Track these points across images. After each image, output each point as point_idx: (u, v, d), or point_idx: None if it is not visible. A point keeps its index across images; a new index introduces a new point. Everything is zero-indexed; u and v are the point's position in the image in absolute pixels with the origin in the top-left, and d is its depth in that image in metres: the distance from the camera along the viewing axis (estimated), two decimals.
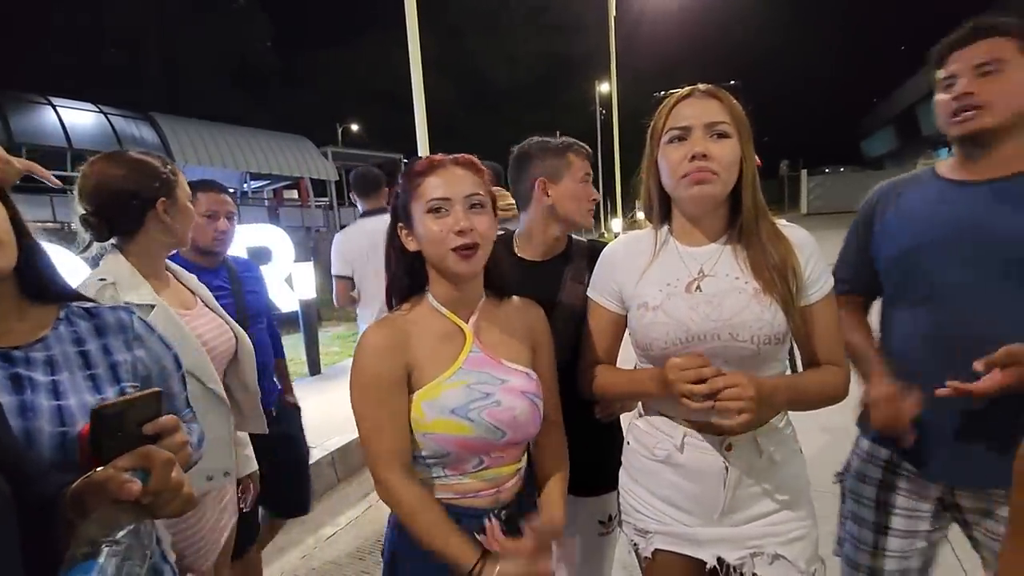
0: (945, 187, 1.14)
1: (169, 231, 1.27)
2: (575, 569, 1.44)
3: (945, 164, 1.19)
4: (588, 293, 1.17)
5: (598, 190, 1.50)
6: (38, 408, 0.72)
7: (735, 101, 1.00)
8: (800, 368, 1.09)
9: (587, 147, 1.41)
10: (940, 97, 1.11)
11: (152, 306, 1.20)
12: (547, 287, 1.32)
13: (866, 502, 1.21)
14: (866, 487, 1.19)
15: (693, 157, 0.96)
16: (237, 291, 1.81)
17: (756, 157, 1.05)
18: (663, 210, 1.09)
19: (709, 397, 0.89)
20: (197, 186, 1.71)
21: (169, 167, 1.28)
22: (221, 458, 1.29)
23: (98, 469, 0.63)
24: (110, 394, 0.80)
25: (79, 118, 15.50)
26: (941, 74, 1.11)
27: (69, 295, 0.87)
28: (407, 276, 1.05)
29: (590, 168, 1.38)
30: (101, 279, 1.17)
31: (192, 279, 1.45)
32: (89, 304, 0.87)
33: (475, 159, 1.03)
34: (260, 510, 1.83)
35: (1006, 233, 1.03)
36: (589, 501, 1.38)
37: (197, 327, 1.30)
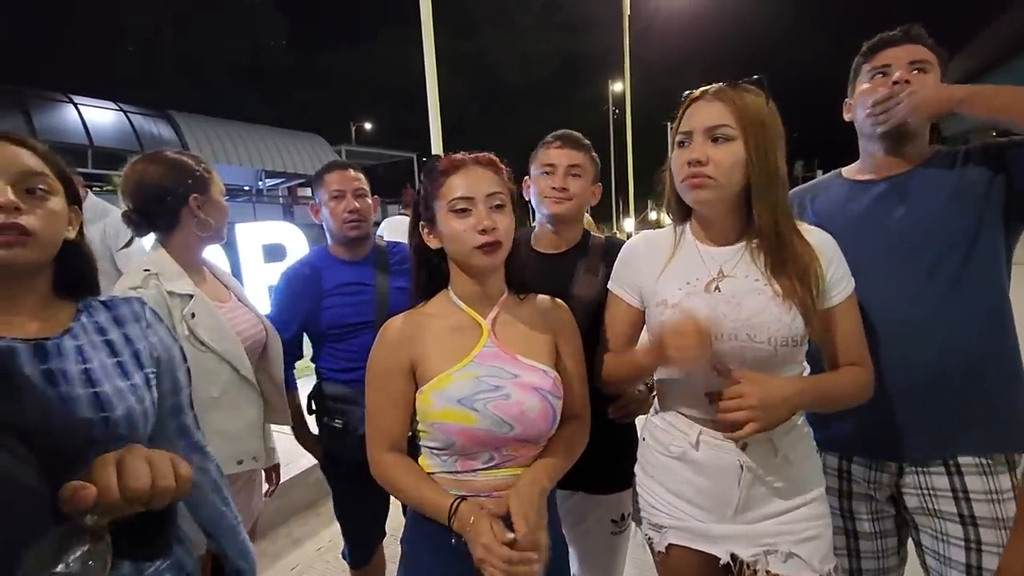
0: (850, 187, 1.26)
1: (203, 225, 1.33)
2: (588, 567, 1.45)
3: (849, 168, 1.31)
4: (609, 286, 1.18)
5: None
6: (76, 398, 0.74)
7: (750, 98, 0.97)
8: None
9: (565, 137, 1.40)
10: (871, 83, 1.20)
11: (191, 296, 1.26)
12: (560, 279, 1.34)
13: (834, 510, 1.23)
14: (828, 498, 1.21)
15: (689, 162, 0.98)
16: (381, 286, 1.62)
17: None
18: (682, 209, 1.10)
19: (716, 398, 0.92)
20: (324, 169, 1.67)
21: (203, 165, 1.35)
22: (251, 443, 1.35)
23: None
24: (137, 380, 0.83)
25: (100, 116, 15.79)
26: (869, 65, 1.21)
27: (94, 293, 0.90)
28: (428, 272, 1.09)
29: (556, 158, 1.37)
30: (146, 270, 1.24)
31: (226, 274, 1.48)
32: (103, 297, 0.91)
33: (495, 158, 1.05)
34: None
35: (901, 223, 1.15)
36: (602, 499, 1.39)
37: (231, 319, 1.35)
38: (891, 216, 1.17)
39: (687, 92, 1.05)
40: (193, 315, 1.24)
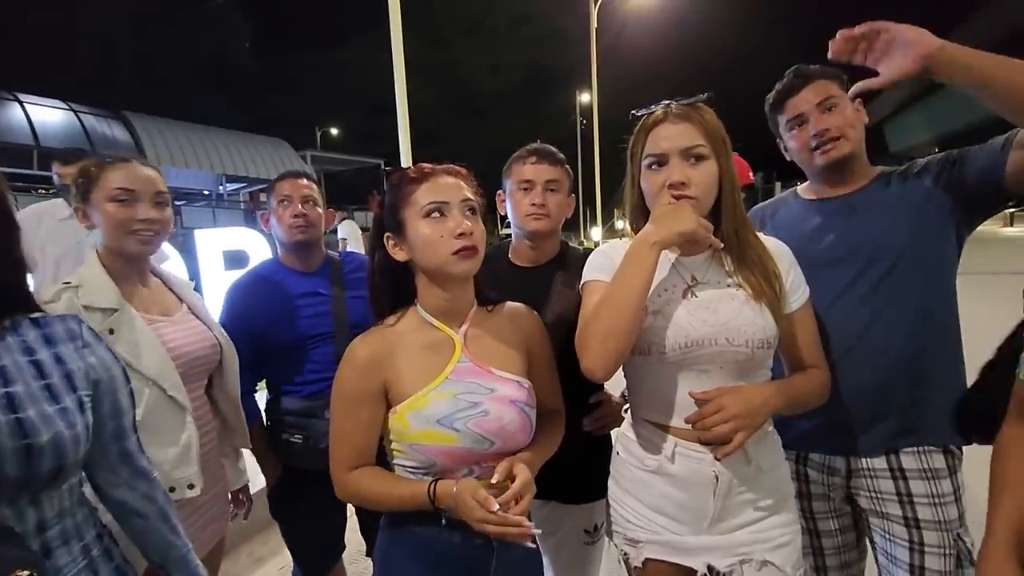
0: (803, 206, 1.33)
1: (102, 236, 1.22)
2: None
3: (803, 188, 1.38)
4: (584, 278, 1.11)
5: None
6: None
7: (709, 116, 1.01)
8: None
9: (541, 152, 1.39)
10: (794, 135, 1.27)
11: (115, 310, 1.16)
12: (536, 292, 1.33)
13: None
14: None
15: (671, 185, 0.99)
16: (338, 297, 1.57)
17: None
18: None
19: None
20: (276, 178, 1.62)
21: (92, 168, 1.23)
22: (184, 470, 1.20)
23: None
24: (68, 403, 0.78)
25: (48, 116, 15.04)
26: (784, 118, 1.28)
27: (24, 310, 0.84)
28: (393, 287, 1.05)
29: (533, 173, 1.37)
30: (66, 283, 1.16)
31: (182, 284, 1.39)
32: (36, 314, 0.85)
33: (463, 169, 1.04)
34: None
35: (847, 240, 1.21)
36: (575, 510, 1.39)
37: (170, 333, 1.26)
38: (838, 234, 1.23)
39: (638, 112, 1.06)
40: (112, 331, 1.15)
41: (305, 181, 1.61)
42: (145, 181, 1.24)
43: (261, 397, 1.64)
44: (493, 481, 0.92)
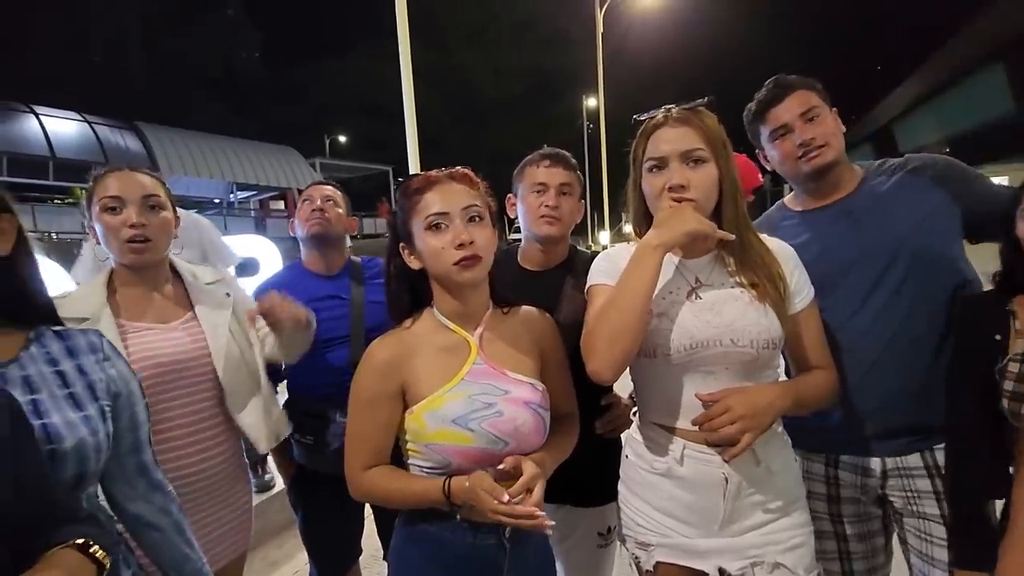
0: (796, 218, 1.33)
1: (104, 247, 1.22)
2: None
3: (790, 199, 1.39)
4: (589, 283, 1.12)
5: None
6: None
7: (709, 120, 1.02)
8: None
9: (555, 156, 1.39)
10: (779, 144, 1.28)
11: (84, 319, 1.14)
12: (546, 296, 1.33)
13: (823, 515, 1.26)
14: (816, 503, 1.24)
15: (671, 188, 1.00)
16: (356, 301, 1.58)
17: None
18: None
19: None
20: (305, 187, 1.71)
21: (92, 180, 1.22)
22: None
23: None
24: (91, 411, 0.80)
25: (63, 127, 15.32)
26: (766, 129, 1.29)
27: (46, 319, 0.86)
28: (409, 293, 1.08)
29: (547, 177, 1.37)
30: (63, 293, 1.18)
31: (199, 289, 1.35)
32: (58, 327, 0.87)
33: (470, 172, 1.05)
34: None
35: (860, 244, 1.21)
36: (588, 512, 1.39)
37: (154, 342, 1.20)
38: (845, 240, 1.22)
39: (640, 117, 1.07)
40: None
41: (329, 186, 1.67)
42: (132, 186, 1.21)
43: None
44: (500, 467, 0.93)
